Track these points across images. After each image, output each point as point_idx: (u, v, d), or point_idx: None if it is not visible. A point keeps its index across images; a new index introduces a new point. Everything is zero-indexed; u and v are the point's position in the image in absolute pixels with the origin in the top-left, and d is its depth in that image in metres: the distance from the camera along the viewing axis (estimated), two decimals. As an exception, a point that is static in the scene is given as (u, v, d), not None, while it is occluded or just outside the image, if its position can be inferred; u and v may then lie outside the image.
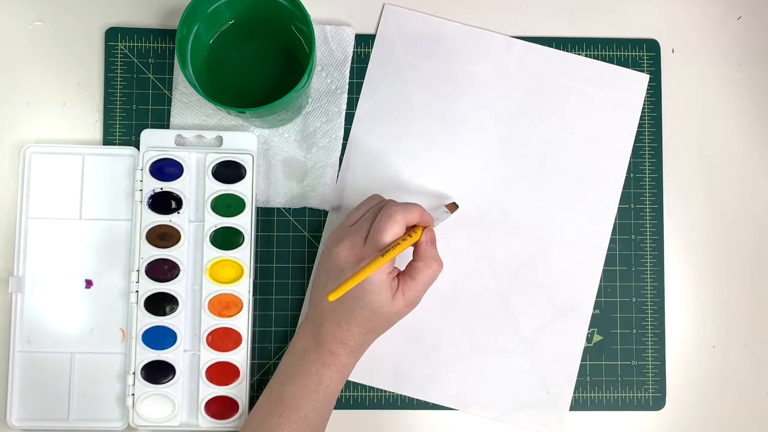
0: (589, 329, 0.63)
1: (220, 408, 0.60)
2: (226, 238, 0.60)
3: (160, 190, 0.60)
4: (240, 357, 0.60)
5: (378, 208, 0.56)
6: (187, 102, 0.62)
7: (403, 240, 0.53)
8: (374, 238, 0.53)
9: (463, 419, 0.62)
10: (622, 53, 0.64)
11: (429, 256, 0.55)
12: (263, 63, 0.59)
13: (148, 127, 0.62)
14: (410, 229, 0.55)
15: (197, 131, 0.62)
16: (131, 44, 0.63)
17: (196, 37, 0.55)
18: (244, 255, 0.60)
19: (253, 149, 0.61)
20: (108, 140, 0.62)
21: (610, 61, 0.64)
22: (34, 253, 0.61)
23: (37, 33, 0.63)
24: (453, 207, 0.61)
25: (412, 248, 0.56)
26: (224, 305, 0.60)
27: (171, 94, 0.63)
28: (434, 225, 0.58)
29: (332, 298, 0.49)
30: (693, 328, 0.64)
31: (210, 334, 0.60)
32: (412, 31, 0.64)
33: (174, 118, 0.62)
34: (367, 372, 0.62)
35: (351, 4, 0.64)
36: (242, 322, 0.60)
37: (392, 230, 0.53)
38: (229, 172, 0.61)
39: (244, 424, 0.57)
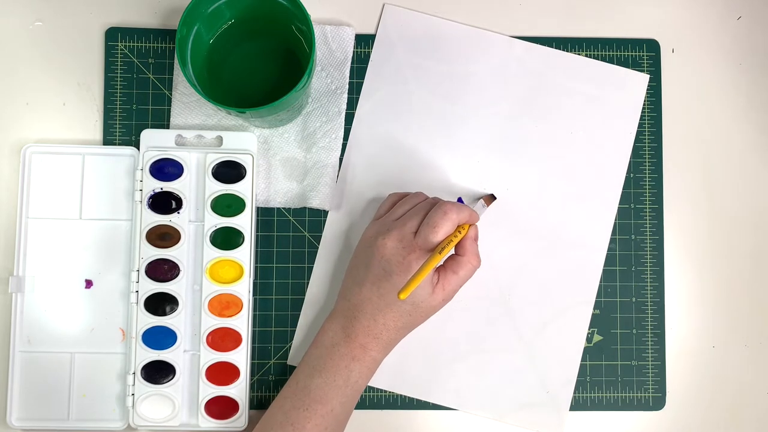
0: (589, 329, 0.63)
1: (220, 408, 0.60)
2: (226, 238, 0.60)
3: (160, 190, 0.60)
4: (240, 357, 0.60)
5: (427, 204, 0.56)
6: (187, 102, 0.62)
7: (454, 236, 0.54)
8: (427, 234, 0.54)
9: (463, 419, 0.62)
10: (622, 53, 0.64)
11: (472, 251, 0.56)
12: (263, 63, 0.59)
13: (148, 127, 0.62)
14: (458, 226, 0.56)
15: (197, 131, 0.62)
16: (131, 44, 0.63)
17: (196, 37, 0.55)
18: (244, 255, 0.60)
19: (253, 149, 0.61)
20: (108, 140, 0.62)
21: (610, 61, 0.64)
22: (34, 253, 0.61)
23: (37, 33, 0.63)
24: (490, 199, 0.62)
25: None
26: (224, 305, 0.60)
27: (171, 94, 0.63)
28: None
29: (404, 296, 0.50)
30: (693, 328, 0.64)
31: (210, 334, 0.60)
32: (412, 31, 0.64)
33: (174, 118, 0.62)
34: (367, 372, 0.62)
35: (351, 4, 0.64)
36: (242, 322, 0.60)
37: (446, 227, 0.54)
38: (229, 172, 0.61)
39: (266, 415, 0.57)
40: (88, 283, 0.61)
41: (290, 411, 0.55)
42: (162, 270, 0.60)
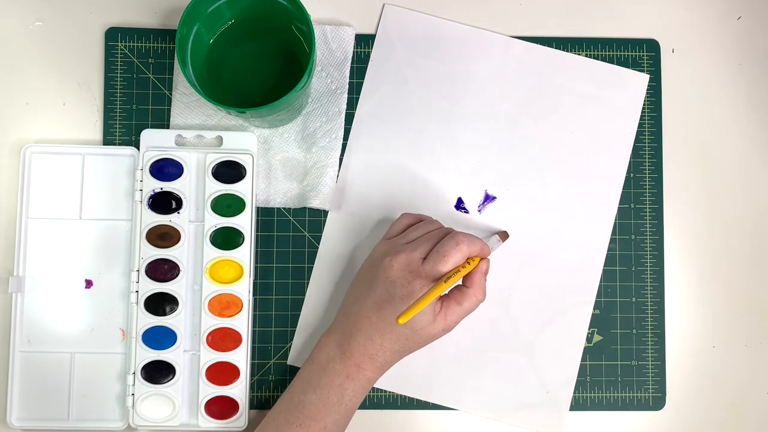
0: (589, 329, 0.63)
1: (220, 408, 0.60)
2: (226, 238, 0.60)
3: (160, 190, 0.60)
4: (240, 357, 0.60)
5: (441, 233, 0.56)
6: (187, 102, 0.62)
7: (462, 267, 0.54)
8: (436, 262, 0.53)
9: (463, 419, 0.62)
10: (622, 53, 0.64)
11: (479, 285, 0.56)
12: (263, 63, 0.59)
13: (148, 127, 0.62)
14: (468, 258, 0.55)
15: (197, 131, 0.62)
16: (131, 44, 0.63)
17: (196, 37, 0.55)
18: (244, 255, 0.60)
19: (253, 149, 0.61)
20: (108, 140, 0.62)
21: (610, 61, 0.64)
22: (34, 253, 0.61)
23: (37, 33, 0.63)
24: (504, 235, 0.61)
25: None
26: (224, 305, 0.60)
27: (171, 94, 0.63)
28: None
29: (402, 321, 0.49)
30: (693, 328, 0.64)
31: (210, 334, 0.60)
32: (412, 31, 0.64)
33: (174, 118, 0.62)
34: (367, 372, 0.62)
35: (351, 4, 0.64)
36: (242, 322, 0.60)
37: (455, 258, 0.54)
38: (229, 172, 0.61)
39: (259, 428, 0.56)
40: (88, 283, 0.61)
41: (283, 426, 0.55)
42: (162, 270, 0.60)
